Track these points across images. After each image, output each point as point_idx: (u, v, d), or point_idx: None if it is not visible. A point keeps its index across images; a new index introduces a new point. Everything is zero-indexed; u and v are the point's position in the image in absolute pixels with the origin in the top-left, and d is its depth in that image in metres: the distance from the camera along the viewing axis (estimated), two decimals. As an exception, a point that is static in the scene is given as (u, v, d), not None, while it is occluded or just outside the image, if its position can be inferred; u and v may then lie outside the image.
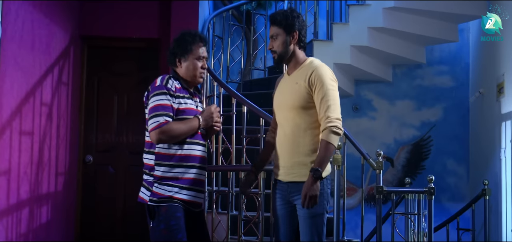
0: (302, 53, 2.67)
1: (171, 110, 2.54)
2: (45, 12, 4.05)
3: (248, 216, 3.66)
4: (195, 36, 2.65)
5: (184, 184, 2.55)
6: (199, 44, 2.65)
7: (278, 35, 2.62)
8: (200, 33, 2.72)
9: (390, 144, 5.98)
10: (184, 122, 2.55)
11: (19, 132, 3.69)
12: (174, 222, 2.50)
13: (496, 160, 4.96)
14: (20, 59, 3.66)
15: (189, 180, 2.57)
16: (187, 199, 2.57)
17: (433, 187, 3.49)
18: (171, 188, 2.55)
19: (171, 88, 2.56)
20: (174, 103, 2.55)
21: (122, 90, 4.81)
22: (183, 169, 2.56)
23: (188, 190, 2.57)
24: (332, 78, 2.58)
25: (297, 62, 2.65)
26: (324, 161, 2.48)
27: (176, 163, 2.55)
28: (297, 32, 2.62)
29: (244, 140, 3.83)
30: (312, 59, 2.67)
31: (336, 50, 5.08)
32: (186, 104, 2.59)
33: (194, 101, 2.67)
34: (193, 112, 2.60)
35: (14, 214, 3.68)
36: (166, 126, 2.50)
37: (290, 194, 2.61)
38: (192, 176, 2.57)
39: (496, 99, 4.97)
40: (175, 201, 2.54)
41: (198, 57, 2.63)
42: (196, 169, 2.59)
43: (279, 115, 2.69)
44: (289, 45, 2.62)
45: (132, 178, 4.71)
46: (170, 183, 2.55)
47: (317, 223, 2.54)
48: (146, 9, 4.70)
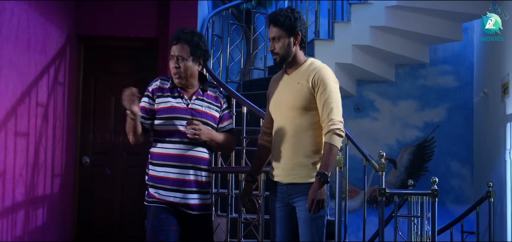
0: (302, 53, 2.66)
1: (143, 112, 2.64)
2: (41, 11, 4.03)
3: (248, 219, 3.64)
4: (172, 36, 2.67)
5: (169, 185, 2.57)
6: (173, 44, 2.65)
7: (280, 37, 2.58)
8: (177, 31, 2.70)
9: (393, 145, 5.94)
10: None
11: (14, 133, 3.66)
12: (157, 223, 2.54)
13: (501, 162, 4.93)
14: (16, 59, 3.65)
15: (173, 180, 2.57)
16: (174, 201, 2.57)
17: (436, 189, 3.46)
18: (156, 189, 2.59)
19: (149, 89, 2.68)
20: (149, 103, 2.66)
21: (120, 90, 4.66)
22: (167, 169, 2.58)
23: (175, 192, 2.57)
24: (334, 80, 2.58)
25: (298, 63, 2.63)
26: (329, 164, 2.47)
27: (161, 162, 2.60)
28: (300, 34, 2.60)
29: (244, 141, 3.80)
30: (312, 60, 2.66)
31: (337, 50, 5.05)
32: (168, 104, 2.63)
33: (184, 100, 2.65)
34: (177, 111, 2.61)
35: (10, 217, 3.66)
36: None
37: (289, 196, 2.58)
38: (175, 176, 2.57)
39: (501, 99, 4.95)
40: (162, 202, 2.56)
41: (171, 57, 2.66)
42: (182, 168, 2.58)
43: (277, 115, 2.65)
44: (291, 47, 2.59)
45: (129, 179, 4.71)
46: (156, 184, 2.61)
47: (318, 225, 2.52)
48: (144, 8, 4.67)
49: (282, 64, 2.65)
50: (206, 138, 2.62)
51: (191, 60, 2.63)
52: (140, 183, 4.59)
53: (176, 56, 2.63)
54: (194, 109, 2.65)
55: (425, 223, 3.94)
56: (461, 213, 4.70)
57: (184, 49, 2.61)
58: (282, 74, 2.71)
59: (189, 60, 2.62)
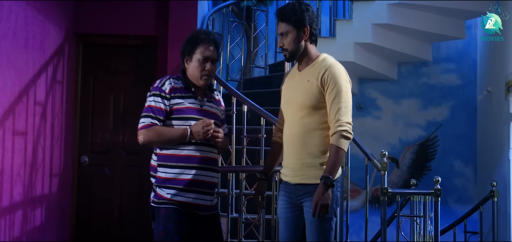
0: (314, 48, 2.59)
1: (160, 113, 2.54)
2: (39, 9, 4.00)
3: (248, 219, 3.64)
4: (200, 36, 2.61)
5: (183, 186, 2.53)
6: (205, 45, 2.59)
7: (288, 33, 2.52)
8: (209, 32, 2.68)
9: (395, 144, 5.91)
10: (170, 129, 2.55)
11: (12, 132, 3.64)
12: (171, 225, 2.49)
13: (504, 161, 4.89)
14: (13, 57, 3.62)
15: (188, 181, 2.53)
16: (186, 201, 2.53)
17: (439, 189, 3.45)
18: (169, 190, 2.54)
19: (165, 89, 2.56)
20: (167, 105, 2.55)
21: (119, 89, 4.74)
22: (181, 170, 2.53)
23: (188, 192, 2.53)
24: (346, 79, 2.51)
25: (310, 59, 2.56)
26: (335, 167, 2.42)
27: (174, 163, 2.54)
28: (308, 27, 2.53)
29: (245, 140, 3.80)
30: (325, 55, 2.58)
31: (339, 48, 5.01)
32: (183, 104, 2.56)
33: (199, 101, 2.61)
34: (192, 112, 2.56)
35: (7, 217, 3.63)
36: (149, 128, 2.52)
37: (297, 197, 2.54)
38: (190, 177, 2.53)
39: (505, 98, 4.91)
40: (174, 204, 2.51)
41: (201, 58, 2.58)
42: (197, 169, 2.54)
43: (287, 113, 2.60)
44: (300, 42, 2.53)
45: (129, 179, 4.68)
46: (169, 185, 2.54)
47: (325, 227, 2.48)
48: (143, 6, 4.64)
49: (292, 60, 2.60)
50: (221, 140, 2.62)
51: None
52: (139, 182, 4.58)
53: (212, 58, 2.60)
54: (207, 111, 2.63)
55: (428, 223, 3.96)
56: (464, 212, 4.70)
57: (215, 51, 2.62)
58: (294, 70, 2.66)
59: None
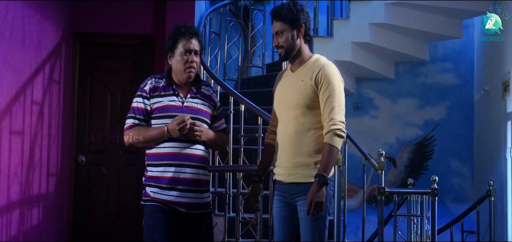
0: (307, 48, 2.63)
1: (141, 113, 2.60)
2: (36, 8, 3.99)
3: (246, 218, 3.64)
4: (180, 30, 2.61)
5: (165, 184, 2.55)
6: (186, 38, 2.59)
7: (283, 31, 2.56)
8: (189, 25, 2.66)
9: (392, 143, 5.91)
10: (150, 128, 2.59)
11: (9, 132, 3.63)
12: (152, 222, 2.53)
13: (501, 160, 4.89)
14: (10, 56, 3.61)
15: (169, 179, 2.55)
16: (168, 199, 2.55)
17: (436, 188, 3.44)
18: (152, 188, 2.58)
19: (146, 89, 2.61)
20: (147, 104, 2.60)
21: (116, 88, 4.74)
22: (164, 168, 2.56)
23: (170, 190, 2.55)
24: (339, 79, 2.54)
25: (303, 59, 2.60)
26: (329, 165, 2.44)
27: (157, 162, 2.58)
28: (303, 26, 2.57)
29: (242, 139, 3.80)
30: (317, 56, 2.61)
31: (336, 47, 5.02)
32: (163, 102, 2.59)
33: (180, 97, 2.61)
34: (172, 109, 2.58)
35: (4, 216, 3.62)
36: (131, 128, 2.60)
37: (291, 196, 2.56)
38: (171, 174, 2.55)
39: (502, 97, 4.91)
40: (157, 201, 2.56)
41: (183, 51, 2.58)
42: (178, 167, 2.55)
43: (281, 113, 2.62)
44: (295, 40, 2.56)
45: (126, 178, 4.68)
46: (152, 183, 2.59)
47: (319, 225, 2.50)
48: (141, 5, 4.64)
49: (287, 58, 2.61)
50: (206, 138, 2.61)
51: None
52: (136, 182, 4.57)
53: (194, 50, 2.60)
54: (190, 107, 2.62)
55: (425, 222, 3.94)
56: (461, 212, 4.67)
57: (197, 44, 2.61)
58: (287, 71, 2.67)
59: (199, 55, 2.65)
